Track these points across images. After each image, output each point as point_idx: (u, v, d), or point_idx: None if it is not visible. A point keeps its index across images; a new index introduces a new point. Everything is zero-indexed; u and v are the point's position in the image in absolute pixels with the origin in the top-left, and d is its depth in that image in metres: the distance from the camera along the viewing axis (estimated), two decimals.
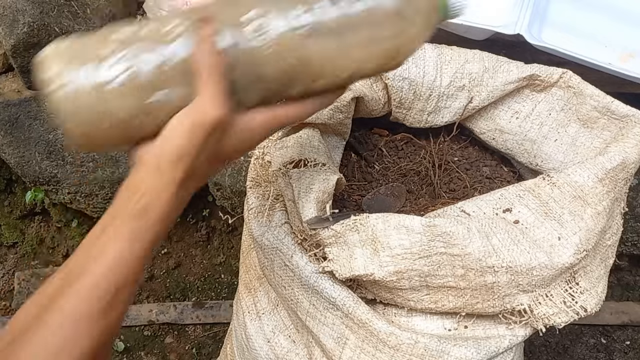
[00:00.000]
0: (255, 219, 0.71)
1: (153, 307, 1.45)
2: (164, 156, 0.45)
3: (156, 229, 0.45)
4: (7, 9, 1.00)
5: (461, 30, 0.91)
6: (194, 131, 0.44)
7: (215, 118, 0.44)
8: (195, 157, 0.45)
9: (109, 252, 0.43)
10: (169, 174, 0.45)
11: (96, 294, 0.43)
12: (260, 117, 0.49)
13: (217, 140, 0.46)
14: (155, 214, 0.44)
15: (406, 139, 0.85)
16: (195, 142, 0.44)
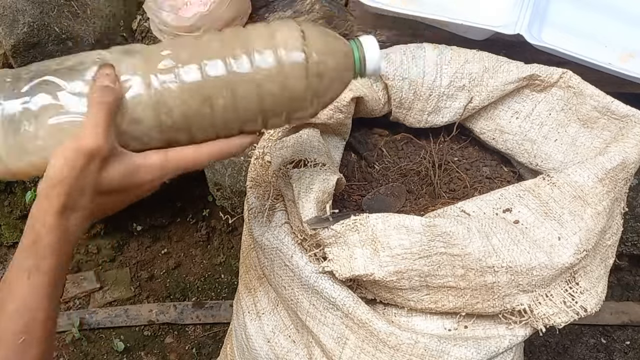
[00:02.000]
0: (255, 219, 0.71)
1: (153, 307, 1.45)
2: (45, 182, 0.46)
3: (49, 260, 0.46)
4: (7, 9, 0.99)
5: (461, 30, 0.91)
6: (72, 158, 0.45)
7: (91, 148, 0.45)
8: (72, 184, 0.45)
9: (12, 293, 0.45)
10: (48, 200, 0.46)
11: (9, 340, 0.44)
12: (153, 159, 0.49)
13: (96, 170, 0.46)
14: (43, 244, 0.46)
15: (406, 139, 0.85)
16: (70, 170, 0.45)
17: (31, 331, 0.45)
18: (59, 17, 1.03)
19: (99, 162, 0.46)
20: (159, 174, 0.50)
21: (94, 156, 0.46)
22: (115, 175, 0.48)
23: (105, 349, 1.42)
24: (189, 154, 0.51)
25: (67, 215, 0.46)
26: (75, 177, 0.45)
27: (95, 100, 0.47)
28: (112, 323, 1.43)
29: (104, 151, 0.46)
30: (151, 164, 0.49)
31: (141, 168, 0.49)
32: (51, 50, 1.04)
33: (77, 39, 1.05)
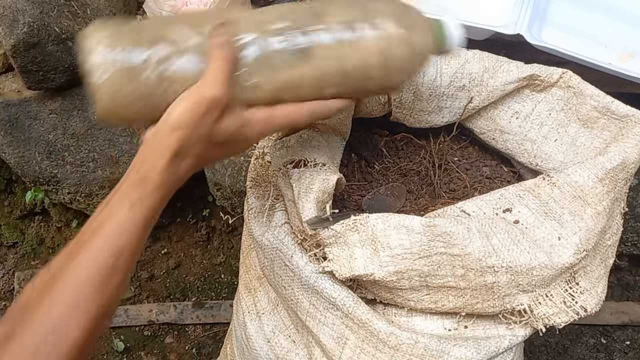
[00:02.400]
0: (255, 219, 0.71)
1: (153, 307, 1.45)
2: (163, 126, 0.48)
3: (153, 197, 0.48)
4: (7, 9, 0.99)
5: None
6: (192, 106, 0.48)
7: (213, 97, 0.48)
8: (190, 131, 0.48)
9: (110, 221, 0.47)
10: (164, 143, 0.48)
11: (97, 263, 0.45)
12: (260, 114, 0.52)
13: (213, 120, 0.49)
14: (152, 182, 0.48)
15: (406, 139, 0.85)
16: (192, 116, 0.48)
17: (120, 257, 0.46)
18: (59, 17, 1.03)
19: (218, 112, 0.49)
20: (265, 129, 0.53)
21: (214, 105, 0.48)
22: (228, 126, 0.50)
23: (105, 349, 1.43)
24: (291, 111, 0.54)
25: (179, 160, 0.49)
26: (195, 123, 0.48)
27: (216, 53, 0.49)
28: (112, 323, 1.43)
29: (223, 102, 0.49)
30: (258, 118, 0.52)
31: (251, 122, 0.52)
32: (51, 50, 1.04)
33: (77, 39, 1.05)
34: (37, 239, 1.58)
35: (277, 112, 0.53)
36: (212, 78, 0.49)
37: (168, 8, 0.96)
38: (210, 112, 0.48)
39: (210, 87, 0.48)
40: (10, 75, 1.22)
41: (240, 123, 0.51)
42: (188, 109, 0.48)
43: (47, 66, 1.07)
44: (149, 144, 0.49)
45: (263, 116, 0.53)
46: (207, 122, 0.49)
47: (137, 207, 0.47)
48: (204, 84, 0.49)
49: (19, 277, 1.50)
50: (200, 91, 0.48)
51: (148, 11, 0.97)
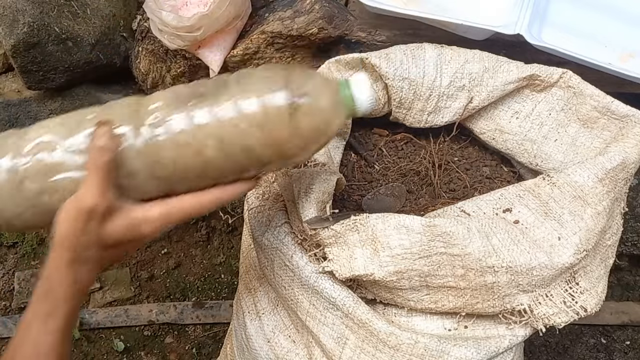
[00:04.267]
0: (255, 219, 0.71)
1: (153, 307, 1.45)
2: (54, 238, 0.49)
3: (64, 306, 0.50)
4: (7, 9, 0.99)
5: (461, 30, 0.91)
6: (73, 216, 0.48)
7: (90, 205, 0.48)
8: (77, 240, 0.49)
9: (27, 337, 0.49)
10: (59, 255, 0.49)
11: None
12: (154, 211, 0.51)
13: (97, 226, 0.49)
14: (58, 294, 0.50)
15: (406, 139, 0.85)
16: (73, 228, 0.49)
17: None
18: (59, 17, 1.03)
19: (99, 219, 0.49)
20: (161, 225, 0.51)
21: (93, 214, 0.48)
22: (116, 229, 0.50)
23: (105, 349, 1.42)
24: (189, 204, 0.52)
25: (75, 268, 0.50)
26: (79, 234, 0.49)
27: (92, 160, 0.49)
28: (112, 323, 1.43)
29: (101, 208, 0.48)
30: (152, 216, 0.51)
31: (142, 221, 0.50)
32: (51, 50, 1.04)
33: (77, 39, 1.05)
34: (37, 239, 1.57)
35: (174, 207, 0.51)
36: (89, 187, 0.48)
37: (168, 8, 0.96)
38: (90, 221, 0.48)
39: (86, 196, 0.48)
40: (10, 75, 1.22)
41: (129, 224, 0.50)
42: (68, 222, 0.49)
43: (47, 66, 1.06)
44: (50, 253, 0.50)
45: (158, 212, 0.51)
46: (90, 230, 0.49)
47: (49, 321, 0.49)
48: (79, 194, 0.49)
49: (19, 277, 1.50)
50: (76, 203, 0.48)
51: (148, 11, 0.97)
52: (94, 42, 1.07)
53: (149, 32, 1.06)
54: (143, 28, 1.09)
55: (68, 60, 1.07)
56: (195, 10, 0.95)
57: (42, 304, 0.50)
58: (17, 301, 1.47)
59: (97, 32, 1.08)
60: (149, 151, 0.50)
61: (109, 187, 0.49)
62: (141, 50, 1.10)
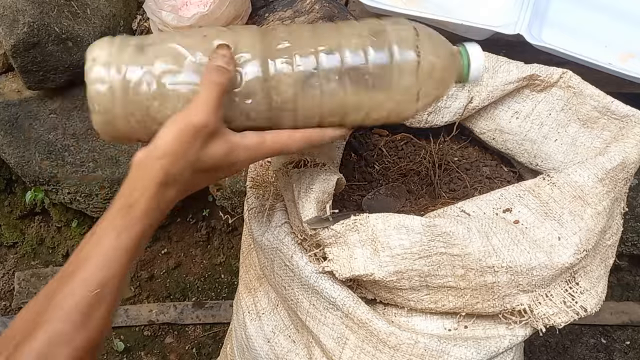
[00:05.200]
0: (255, 219, 0.71)
1: (153, 307, 1.45)
2: (150, 153, 0.48)
3: (141, 224, 0.48)
4: (7, 9, 0.99)
5: (461, 30, 0.91)
6: (178, 133, 0.47)
7: (199, 124, 0.47)
8: (176, 159, 0.48)
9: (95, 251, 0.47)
10: (150, 171, 0.48)
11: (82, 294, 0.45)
12: (250, 140, 0.51)
13: (199, 147, 0.48)
14: (139, 209, 0.47)
15: (406, 139, 0.85)
16: (178, 144, 0.47)
17: (106, 286, 0.46)
18: (59, 17, 1.03)
19: (204, 139, 0.48)
20: (254, 155, 0.52)
21: (200, 132, 0.47)
22: (216, 152, 0.49)
23: (105, 349, 1.43)
24: (284, 138, 0.52)
25: (166, 187, 0.48)
26: (181, 152, 0.47)
27: (208, 79, 0.48)
28: (112, 323, 1.43)
29: (210, 128, 0.48)
30: (248, 143, 0.51)
31: (239, 147, 0.51)
32: (51, 50, 1.04)
33: (77, 39, 1.05)
34: (37, 239, 1.58)
35: (267, 139, 0.52)
36: (201, 104, 0.48)
37: (168, 8, 0.96)
38: (196, 140, 0.48)
39: (197, 113, 0.47)
40: (10, 75, 1.22)
41: (228, 148, 0.50)
42: (174, 137, 0.47)
43: (47, 66, 1.06)
44: (137, 170, 0.49)
45: (253, 142, 0.51)
46: (193, 150, 0.48)
47: (123, 236, 0.47)
48: (192, 109, 0.48)
49: (19, 277, 1.50)
50: (186, 118, 0.48)
51: (148, 11, 0.97)
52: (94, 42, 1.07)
53: (149, 32, 1.06)
54: (143, 28, 1.09)
55: (68, 60, 1.07)
56: (195, 10, 0.95)
57: (118, 219, 0.47)
58: (17, 301, 1.47)
59: (97, 32, 1.08)
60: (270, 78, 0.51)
61: (220, 108, 0.49)
62: None
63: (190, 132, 0.47)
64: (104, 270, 0.46)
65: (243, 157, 0.51)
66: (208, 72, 0.49)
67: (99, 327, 0.46)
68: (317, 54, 0.51)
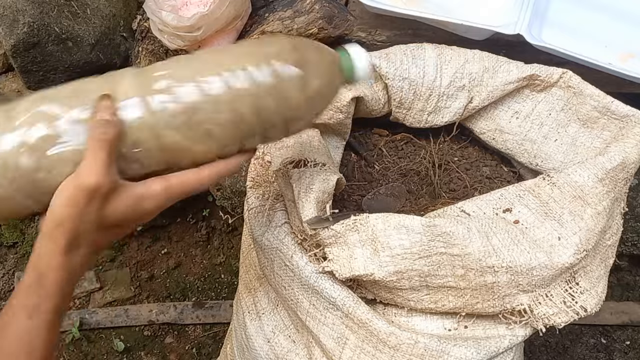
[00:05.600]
0: (255, 219, 0.71)
1: (153, 307, 1.45)
2: (49, 222, 0.46)
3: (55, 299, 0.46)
4: (7, 9, 0.99)
5: (461, 30, 0.91)
6: (73, 197, 0.45)
7: (92, 184, 0.45)
8: (76, 222, 0.45)
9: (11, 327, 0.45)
10: (54, 240, 0.45)
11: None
12: (156, 187, 0.49)
13: (100, 206, 0.46)
14: (49, 283, 0.45)
15: (406, 139, 0.85)
16: (73, 209, 0.45)
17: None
18: (59, 17, 1.03)
19: (101, 199, 0.46)
20: (164, 201, 0.49)
21: (95, 193, 0.45)
22: (118, 209, 0.47)
23: (105, 349, 1.42)
24: (191, 179, 0.50)
25: (72, 254, 0.46)
26: (78, 215, 0.45)
27: (93, 136, 0.46)
28: (112, 323, 1.43)
29: (105, 187, 0.45)
30: (153, 192, 0.48)
31: (145, 198, 0.48)
32: (51, 50, 1.03)
33: (77, 39, 1.05)
34: None
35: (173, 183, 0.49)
36: (92, 164, 0.45)
37: (168, 8, 0.96)
38: (92, 202, 0.45)
39: (88, 175, 0.45)
40: (10, 75, 1.21)
41: (132, 202, 0.48)
42: (67, 202, 0.45)
43: (47, 66, 1.06)
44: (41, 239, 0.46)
45: (158, 190, 0.49)
46: (91, 211, 0.46)
47: (36, 315, 0.45)
48: (82, 171, 0.45)
49: (19, 277, 1.50)
50: (77, 181, 0.45)
51: (148, 11, 0.97)
52: (94, 42, 1.07)
53: (149, 32, 1.06)
54: (143, 28, 1.09)
55: (68, 60, 1.07)
56: (195, 10, 0.95)
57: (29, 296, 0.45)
58: None
59: (97, 32, 1.08)
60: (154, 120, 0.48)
61: (112, 164, 0.46)
62: (141, 50, 1.10)
63: (83, 196, 0.45)
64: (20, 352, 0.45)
65: (152, 205, 0.49)
66: (92, 129, 0.46)
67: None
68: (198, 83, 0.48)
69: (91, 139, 0.46)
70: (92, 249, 0.49)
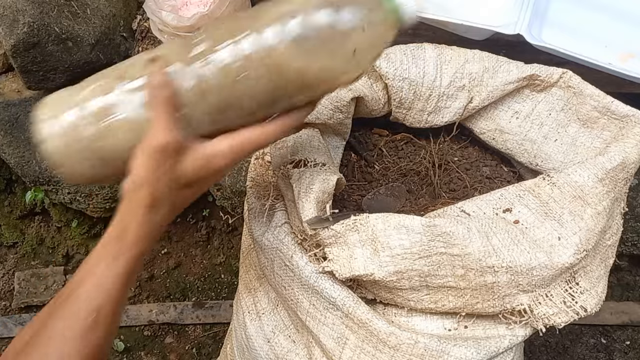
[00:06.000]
0: (255, 219, 0.71)
1: (153, 307, 1.45)
2: (131, 184, 0.50)
3: (134, 249, 0.49)
4: (7, 9, 0.99)
5: (461, 30, 0.91)
6: (146, 159, 0.48)
7: (162, 143, 0.48)
8: (154, 183, 0.49)
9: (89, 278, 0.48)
10: (136, 200, 0.49)
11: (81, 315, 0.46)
12: (224, 145, 0.51)
13: (173, 164, 0.49)
14: (131, 236, 0.49)
15: (406, 139, 0.85)
16: (150, 169, 0.48)
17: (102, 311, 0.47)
18: (59, 17, 1.03)
19: (173, 156, 0.49)
20: (232, 158, 0.51)
21: (166, 152, 0.48)
22: (190, 166, 0.50)
23: None
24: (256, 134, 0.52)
25: (154, 211, 0.50)
26: (155, 175, 0.48)
27: (154, 98, 0.49)
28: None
29: (173, 145, 0.48)
30: (223, 149, 0.51)
31: (214, 155, 0.50)
32: (51, 50, 1.04)
33: (77, 39, 1.05)
34: (37, 239, 1.58)
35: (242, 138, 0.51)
36: (157, 125, 0.48)
37: (168, 8, 0.96)
38: (165, 160, 0.48)
39: (155, 135, 0.48)
40: (10, 75, 1.22)
41: (204, 159, 0.50)
42: (144, 163, 0.49)
43: (47, 66, 1.06)
44: (125, 200, 0.50)
45: (228, 144, 0.51)
46: (166, 170, 0.49)
47: (117, 261, 0.48)
48: (150, 134, 0.48)
49: (19, 277, 1.50)
50: (148, 142, 0.48)
51: (148, 11, 0.97)
52: (94, 42, 1.07)
53: (149, 32, 1.06)
54: (143, 28, 1.09)
55: (68, 60, 1.07)
56: (195, 10, 0.95)
57: (111, 246, 0.49)
58: (17, 301, 1.47)
59: (97, 32, 1.08)
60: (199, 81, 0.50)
61: (175, 123, 0.49)
62: (141, 51, 1.10)
63: (157, 155, 0.48)
64: (99, 295, 0.47)
65: (223, 163, 0.51)
66: (150, 91, 0.49)
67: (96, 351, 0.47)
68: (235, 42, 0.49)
69: (149, 102, 0.49)
70: (173, 207, 0.52)
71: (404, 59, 0.76)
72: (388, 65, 0.75)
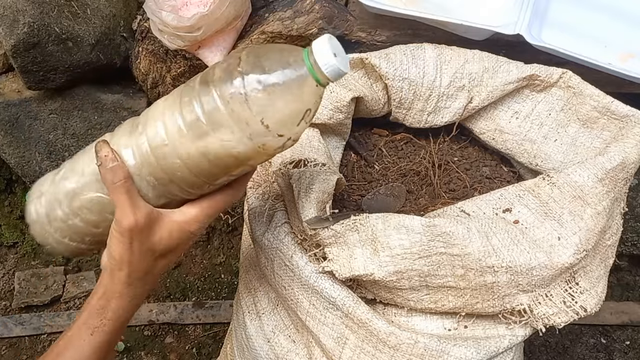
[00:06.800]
0: (256, 219, 0.71)
1: (153, 307, 1.45)
2: (111, 261, 0.53)
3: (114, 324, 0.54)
4: (7, 9, 0.99)
5: (461, 30, 0.91)
6: (121, 237, 0.51)
7: (128, 225, 0.50)
8: (132, 260, 0.52)
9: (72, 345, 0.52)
10: (118, 278, 0.53)
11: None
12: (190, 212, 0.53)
13: (145, 239, 0.52)
14: (111, 312, 0.53)
15: (406, 139, 0.85)
16: (126, 246, 0.51)
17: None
18: (59, 17, 1.03)
19: (145, 230, 0.51)
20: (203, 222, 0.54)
21: (133, 232, 0.51)
22: (164, 237, 0.53)
23: None
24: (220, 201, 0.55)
25: (135, 284, 0.53)
26: (132, 251, 0.51)
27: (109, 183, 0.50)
28: None
29: (142, 220, 0.51)
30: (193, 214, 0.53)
31: (184, 222, 0.53)
32: (51, 50, 1.03)
33: (77, 39, 1.05)
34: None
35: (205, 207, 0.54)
36: (120, 208, 0.50)
37: (168, 8, 0.96)
38: (137, 238, 0.51)
39: (122, 218, 0.50)
40: (10, 75, 1.21)
41: (173, 228, 0.53)
42: (119, 242, 0.51)
43: (47, 66, 1.06)
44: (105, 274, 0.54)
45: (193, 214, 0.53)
46: (142, 242, 0.51)
47: (97, 333, 0.53)
48: (117, 217, 0.51)
49: (19, 277, 1.50)
50: (119, 223, 0.51)
51: (148, 11, 0.97)
52: (94, 42, 1.07)
53: (149, 32, 1.06)
54: (143, 28, 1.09)
55: (68, 60, 1.07)
56: (195, 11, 0.95)
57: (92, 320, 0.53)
58: (17, 301, 1.47)
59: (97, 32, 1.07)
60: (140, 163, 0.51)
61: (137, 201, 0.51)
62: (141, 51, 1.10)
63: (130, 234, 0.50)
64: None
65: (195, 227, 0.53)
66: (104, 177, 0.51)
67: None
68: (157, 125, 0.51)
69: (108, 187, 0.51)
70: (152, 277, 0.55)
71: (403, 59, 0.76)
72: (388, 66, 0.75)
